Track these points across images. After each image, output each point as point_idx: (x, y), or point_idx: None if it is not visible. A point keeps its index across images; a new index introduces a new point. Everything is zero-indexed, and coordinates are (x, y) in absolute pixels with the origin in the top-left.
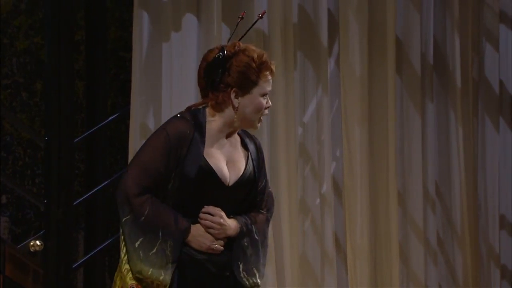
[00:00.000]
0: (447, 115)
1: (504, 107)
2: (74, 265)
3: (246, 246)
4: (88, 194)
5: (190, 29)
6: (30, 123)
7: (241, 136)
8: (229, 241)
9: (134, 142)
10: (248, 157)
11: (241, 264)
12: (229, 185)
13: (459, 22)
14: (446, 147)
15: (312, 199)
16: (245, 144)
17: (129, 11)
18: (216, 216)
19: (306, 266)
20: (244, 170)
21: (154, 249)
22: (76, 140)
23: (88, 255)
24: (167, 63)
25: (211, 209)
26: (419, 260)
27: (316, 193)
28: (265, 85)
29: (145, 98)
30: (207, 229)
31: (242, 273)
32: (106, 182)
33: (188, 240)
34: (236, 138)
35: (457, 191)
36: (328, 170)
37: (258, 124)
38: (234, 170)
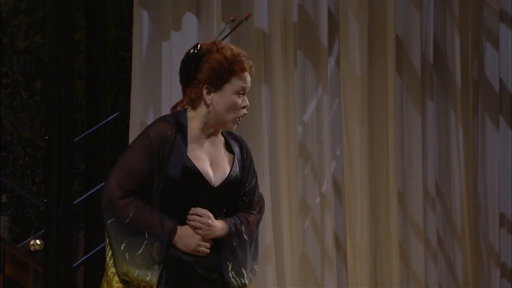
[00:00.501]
0: (447, 115)
1: (504, 106)
2: (74, 264)
3: (234, 247)
4: (88, 193)
5: (190, 28)
6: (30, 122)
7: (226, 137)
8: (217, 243)
9: None
10: (234, 159)
11: (229, 264)
12: (214, 186)
13: (459, 21)
14: (446, 146)
15: (312, 199)
16: (229, 145)
17: (129, 10)
18: (204, 217)
19: (306, 266)
20: (230, 172)
21: (140, 250)
22: (76, 139)
23: (88, 254)
24: (167, 62)
25: (198, 210)
26: (419, 260)
27: (316, 192)
28: (238, 83)
29: (145, 97)
30: (195, 230)
31: (231, 273)
32: None
33: (174, 241)
34: (220, 139)
35: (457, 190)
36: (328, 169)
37: (233, 126)
38: (219, 171)
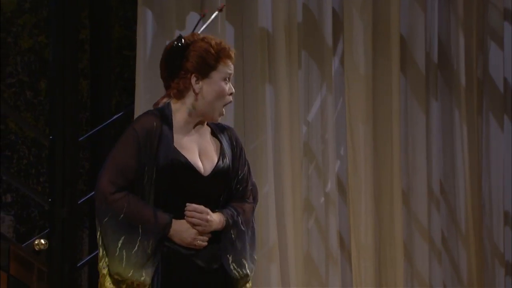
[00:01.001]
0: (452, 114)
1: (508, 105)
2: (79, 264)
3: (233, 238)
4: (93, 193)
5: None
6: (34, 122)
7: (211, 127)
8: (215, 234)
9: None
10: (221, 147)
11: (230, 256)
12: (205, 176)
13: (463, 20)
14: (450, 145)
15: (316, 198)
16: (216, 135)
17: (133, 9)
18: (203, 213)
19: (311, 265)
20: (218, 161)
21: (135, 247)
22: (80, 139)
23: (93, 254)
24: None
25: (197, 207)
26: (423, 259)
27: (321, 192)
28: (225, 69)
29: (149, 96)
30: (193, 226)
31: (232, 265)
32: None
33: (170, 235)
34: (206, 129)
35: (462, 189)
36: (332, 169)
37: (218, 117)
38: (208, 160)
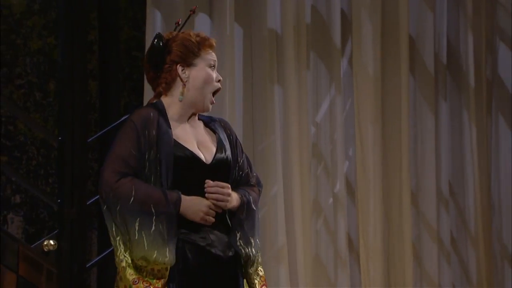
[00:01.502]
0: (461, 114)
1: None
2: (88, 265)
3: (243, 216)
4: None
5: (203, 29)
6: (43, 123)
7: (204, 120)
8: (225, 218)
9: None
10: (218, 138)
11: (238, 233)
12: (207, 164)
13: (472, 21)
14: (459, 146)
15: (325, 199)
16: (210, 127)
17: (141, 10)
18: (224, 188)
19: (319, 266)
20: (217, 151)
21: (152, 227)
22: (89, 140)
23: (102, 255)
24: None
25: (217, 182)
26: (432, 260)
27: (329, 192)
28: (209, 57)
29: None
30: (216, 202)
31: (239, 241)
32: None
33: (182, 212)
34: (198, 123)
35: (471, 190)
36: (341, 170)
37: (209, 104)
38: (207, 150)
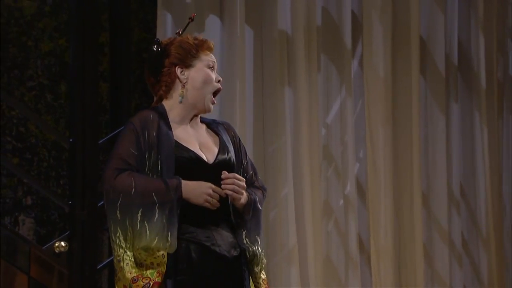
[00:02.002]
0: (472, 116)
1: None
2: (99, 266)
3: (250, 215)
4: None
5: (213, 30)
6: (54, 124)
7: (206, 123)
8: (229, 217)
9: None
10: (221, 140)
11: (243, 232)
12: (210, 164)
13: (483, 22)
14: (470, 148)
15: (335, 201)
16: (212, 129)
17: (152, 12)
18: (241, 181)
19: (330, 268)
20: (219, 152)
21: (156, 215)
22: (100, 141)
23: (113, 256)
24: None
25: (234, 174)
26: (443, 262)
27: (340, 194)
28: (207, 58)
29: None
30: (233, 194)
31: (245, 239)
32: None
33: (185, 196)
34: (201, 126)
35: (482, 192)
36: (351, 171)
37: (210, 104)
38: (209, 151)
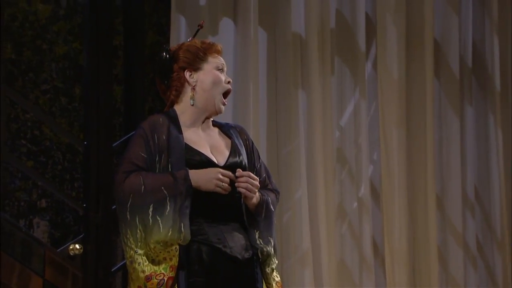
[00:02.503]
0: (486, 118)
1: None
2: (113, 269)
3: (263, 215)
4: None
5: (227, 33)
6: (69, 127)
7: (219, 126)
8: (242, 219)
9: None
10: (233, 144)
11: (256, 232)
12: (221, 166)
13: (498, 24)
14: (485, 150)
15: (349, 203)
16: (225, 132)
17: (166, 15)
18: (255, 180)
19: (344, 271)
20: (230, 155)
21: (167, 208)
22: (114, 144)
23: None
24: None
25: (249, 172)
26: (458, 264)
27: (354, 197)
28: (216, 60)
29: None
30: (245, 192)
31: (258, 240)
32: None
33: (195, 185)
34: (213, 129)
35: (497, 194)
36: (365, 174)
37: (221, 105)
38: (219, 154)
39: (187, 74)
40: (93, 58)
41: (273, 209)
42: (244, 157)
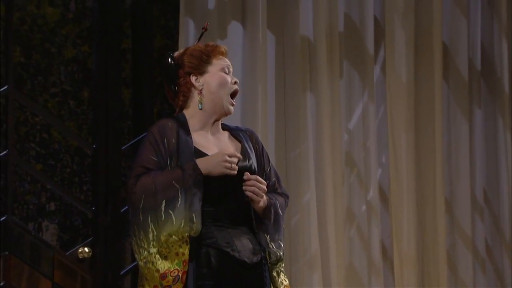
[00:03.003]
0: (495, 121)
1: None
2: (122, 272)
3: (271, 219)
4: None
5: (235, 36)
6: (77, 131)
7: (229, 130)
8: (251, 224)
9: None
10: (243, 147)
11: (267, 236)
12: None
13: (506, 26)
14: (494, 153)
15: (358, 207)
16: (235, 136)
17: (174, 19)
18: (263, 184)
19: (353, 274)
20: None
21: (179, 200)
22: (123, 147)
23: (136, 262)
24: None
25: (256, 176)
26: (467, 268)
27: (362, 200)
28: (220, 62)
29: None
30: (252, 196)
31: (270, 243)
32: None
33: (205, 172)
34: (223, 133)
35: (506, 197)
36: (374, 177)
37: (230, 106)
38: None
39: (193, 78)
40: (102, 61)
41: (281, 213)
42: (253, 161)
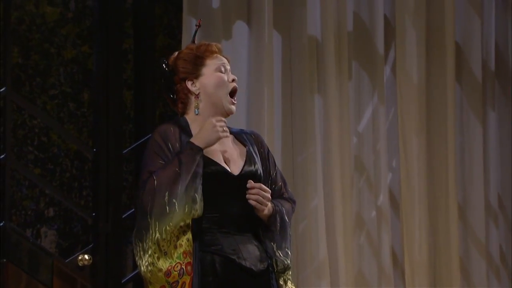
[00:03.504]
0: (510, 124)
1: None
2: (123, 280)
3: (277, 227)
4: None
5: (241, 36)
6: (77, 134)
7: (233, 134)
8: (257, 231)
9: None
10: (248, 152)
11: (274, 244)
12: (235, 175)
13: None
14: (508, 157)
15: (367, 212)
16: (239, 140)
17: (177, 18)
18: (267, 192)
19: (362, 282)
20: (245, 164)
21: (179, 186)
22: (124, 151)
23: (137, 270)
24: None
25: (261, 184)
26: (481, 276)
27: (372, 205)
28: (214, 61)
29: None
30: (256, 204)
31: (277, 252)
32: None
33: (204, 146)
34: (227, 138)
35: None
36: (384, 182)
37: (230, 105)
38: (233, 164)
39: (188, 83)
40: (102, 62)
41: (288, 220)
42: (259, 166)
